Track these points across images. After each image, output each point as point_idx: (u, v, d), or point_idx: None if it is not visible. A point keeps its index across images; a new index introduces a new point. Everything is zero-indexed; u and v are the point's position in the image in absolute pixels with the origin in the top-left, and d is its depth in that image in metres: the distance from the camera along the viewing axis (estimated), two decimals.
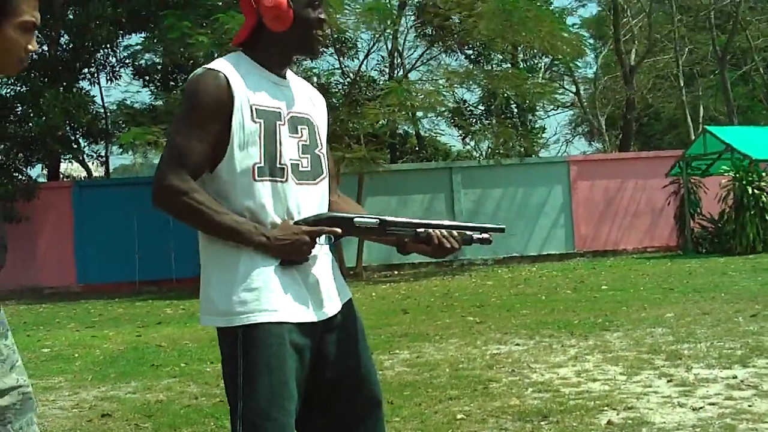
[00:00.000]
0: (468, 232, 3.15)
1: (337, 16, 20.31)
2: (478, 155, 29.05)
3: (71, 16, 25.52)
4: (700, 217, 22.98)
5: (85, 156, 29.00)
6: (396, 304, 14.61)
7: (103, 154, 29.76)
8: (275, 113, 3.03)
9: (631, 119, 33.03)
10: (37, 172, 26.59)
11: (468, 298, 14.62)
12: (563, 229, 24.92)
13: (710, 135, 22.54)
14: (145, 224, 22.62)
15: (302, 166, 3.07)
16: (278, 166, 2.99)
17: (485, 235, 3.17)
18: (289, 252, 2.95)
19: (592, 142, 46.29)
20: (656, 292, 13.53)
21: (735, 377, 6.62)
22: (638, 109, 35.79)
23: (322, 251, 3.11)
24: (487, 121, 28.59)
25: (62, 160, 27.99)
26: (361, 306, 14.31)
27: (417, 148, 33.41)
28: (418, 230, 3.09)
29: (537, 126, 33.82)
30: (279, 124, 3.02)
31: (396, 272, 23.18)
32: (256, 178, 2.96)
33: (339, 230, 3.04)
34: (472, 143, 30.99)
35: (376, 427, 3.18)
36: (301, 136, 3.10)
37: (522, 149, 27.45)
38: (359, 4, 21.04)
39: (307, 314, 2.97)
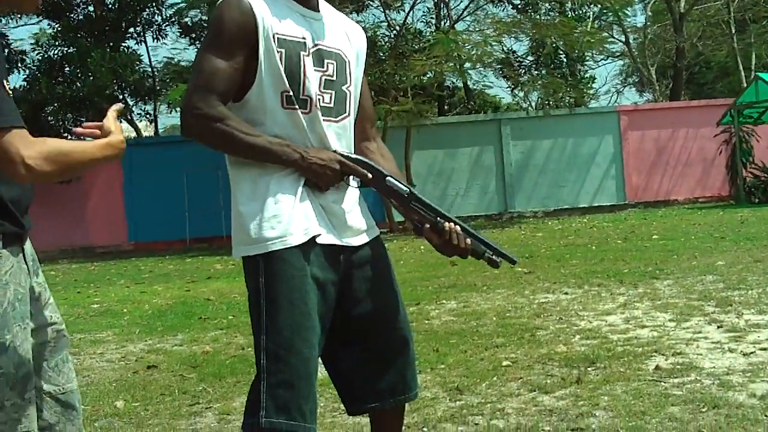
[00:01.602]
0: (483, 247, 3.08)
1: None
2: (527, 106, 28.81)
3: None
4: (752, 166, 22.68)
5: (133, 115, 29.12)
6: (444, 257, 14.53)
7: (151, 112, 29.87)
8: (299, 43, 2.97)
9: (682, 68, 32.54)
10: None
11: (517, 250, 14.50)
12: (614, 180, 24.70)
13: (762, 82, 22.15)
14: (195, 182, 22.74)
15: (323, 101, 3.02)
16: (302, 97, 2.95)
17: (495, 258, 3.08)
18: (317, 173, 2.93)
19: (643, 93, 45.81)
20: (707, 240, 13.36)
21: None
22: (688, 58, 35.27)
23: (350, 188, 3.09)
24: (536, 72, 28.35)
25: None
26: (410, 259, 14.36)
27: (465, 101, 33.23)
28: (439, 219, 3.04)
29: (587, 76, 33.50)
30: (303, 55, 2.97)
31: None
32: (285, 105, 2.93)
33: (370, 175, 3.01)
34: (521, 94, 30.74)
35: (405, 366, 3.16)
36: (327, 70, 3.04)
37: (572, 100, 27.17)
38: None
39: (329, 236, 2.96)
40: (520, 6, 27.70)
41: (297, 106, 2.94)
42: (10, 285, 2.63)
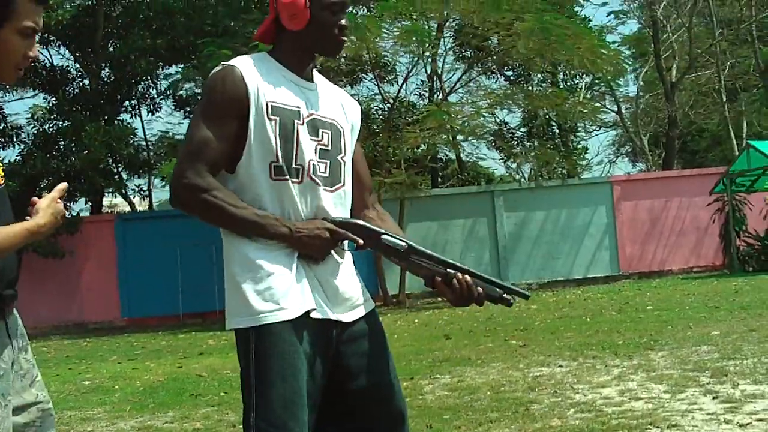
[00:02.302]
0: (494, 289, 3.04)
1: (376, 40, 20.29)
2: (519, 178, 28.87)
3: (111, 49, 25.77)
4: (745, 235, 22.69)
5: (127, 189, 29.16)
6: (438, 329, 14.46)
7: (145, 187, 29.93)
8: (293, 112, 3.01)
9: (674, 137, 32.71)
10: (80, 206, 26.75)
11: (511, 322, 14.45)
12: (608, 251, 24.66)
13: (754, 150, 22.23)
14: (189, 256, 22.69)
15: (319, 171, 3.04)
16: (294, 166, 2.98)
17: (508, 297, 3.04)
18: (308, 245, 2.95)
19: (636, 163, 45.98)
20: (702, 310, 13.32)
21: None
22: (681, 127, 35.45)
23: (344, 257, 3.11)
24: (529, 143, 28.47)
25: (105, 193, 28.14)
26: (404, 333, 14.26)
27: (458, 173, 33.34)
28: (448, 270, 3.01)
29: (579, 147, 33.65)
30: (297, 123, 3.00)
31: (439, 299, 22.97)
32: (273, 176, 2.96)
33: (361, 240, 3.01)
34: (514, 166, 30.84)
35: None
36: (321, 139, 3.08)
37: (564, 171, 27.26)
38: (397, 27, 21.01)
39: (323, 311, 2.95)
40: (512, 78, 27.91)
41: (287, 176, 2.96)
42: None
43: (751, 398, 6.35)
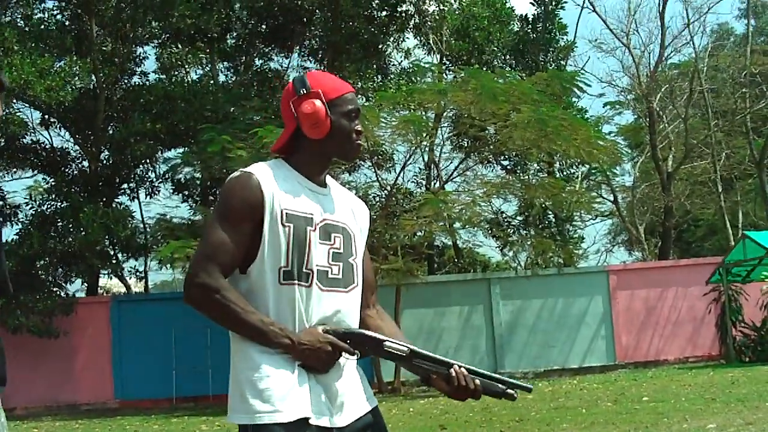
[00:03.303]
0: (494, 383, 3.16)
1: (374, 129, 20.45)
2: (516, 266, 28.90)
3: (111, 132, 25.98)
4: (742, 325, 22.64)
5: (124, 271, 29.17)
6: (434, 419, 14.39)
7: (141, 269, 29.93)
8: (306, 219, 3.15)
9: (670, 227, 32.84)
10: (76, 287, 26.75)
11: (507, 413, 14.37)
12: (604, 341, 24.58)
13: (750, 240, 22.31)
14: (183, 339, 22.61)
15: (332, 273, 3.17)
16: (304, 270, 3.10)
17: (511, 391, 3.17)
18: (310, 358, 3.04)
19: (632, 252, 46.05)
20: (698, 402, 13.27)
21: None
22: (677, 217, 35.61)
23: (348, 364, 3.20)
24: (525, 232, 28.55)
25: (101, 275, 28.15)
26: (398, 422, 14.17)
27: (455, 260, 33.38)
28: (451, 370, 3.11)
29: (575, 236, 33.72)
30: (309, 230, 3.14)
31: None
32: (282, 281, 3.08)
33: (358, 354, 3.13)
34: (510, 254, 30.89)
35: None
36: (334, 243, 3.21)
37: (560, 260, 27.30)
38: (395, 116, 21.20)
39: (322, 419, 3.04)
40: (509, 167, 28.08)
41: (296, 281, 3.08)
42: None
43: None
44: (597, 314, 24.58)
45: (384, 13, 26.87)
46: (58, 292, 23.38)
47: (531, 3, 31.69)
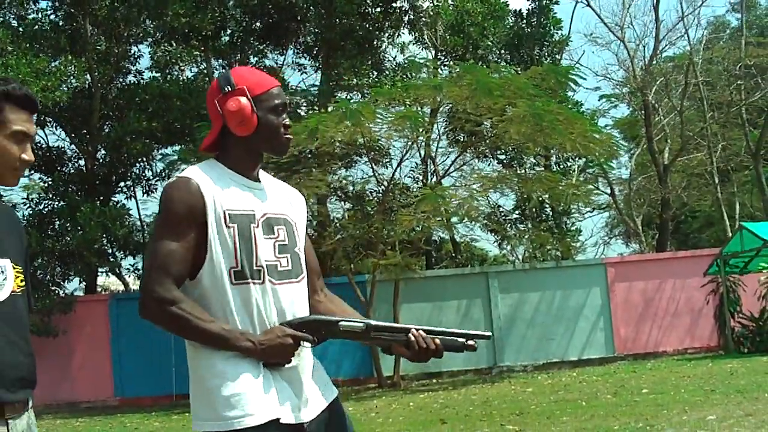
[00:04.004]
0: (455, 338, 3.22)
1: (370, 125, 20.47)
2: (513, 260, 28.91)
3: (107, 131, 25.98)
4: (740, 316, 22.67)
5: (122, 269, 29.18)
6: (434, 413, 14.40)
7: (139, 267, 29.92)
8: (248, 216, 3.18)
9: (667, 219, 32.88)
10: (74, 285, 26.77)
11: (507, 406, 14.41)
12: (602, 333, 24.60)
13: (747, 231, 22.34)
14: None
15: (281, 266, 3.21)
16: (255, 268, 3.12)
17: (470, 342, 3.22)
18: (273, 355, 3.08)
19: (629, 244, 46.11)
20: (698, 394, 13.29)
21: None
22: (674, 209, 35.66)
23: (305, 352, 3.24)
24: (522, 226, 28.55)
25: (99, 273, 28.16)
26: (398, 417, 14.19)
27: (453, 254, 33.40)
28: (409, 336, 3.18)
29: (573, 229, 33.74)
30: (253, 227, 3.17)
31: (434, 380, 22.96)
32: (234, 281, 3.10)
33: (315, 339, 3.18)
34: (508, 248, 30.91)
35: None
36: (278, 236, 3.25)
37: (558, 253, 27.31)
38: (391, 112, 21.21)
39: (289, 416, 3.08)
40: (505, 161, 28.07)
41: (249, 280, 3.11)
42: None
43: None
44: (595, 306, 24.60)
45: (378, 9, 26.86)
46: (56, 291, 23.41)
47: None
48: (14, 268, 2.91)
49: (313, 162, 21.53)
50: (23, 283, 2.96)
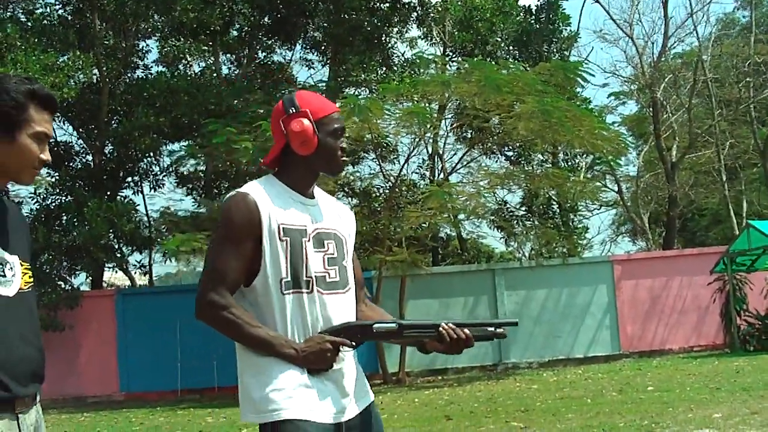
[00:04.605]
0: (484, 329, 3.42)
1: (378, 121, 20.46)
2: (520, 256, 28.89)
3: (115, 126, 25.99)
4: (746, 314, 22.65)
5: (128, 265, 29.20)
6: (439, 410, 14.40)
7: (146, 262, 29.99)
8: (300, 231, 3.41)
9: (674, 216, 32.83)
10: (80, 280, 26.79)
11: (512, 403, 14.41)
12: (609, 330, 24.58)
13: (754, 230, 22.30)
14: (188, 332, 22.60)
15: (330, 277, 3.45)
16: (304, 278, 3.36)
17: (500, 330, 3.41)
18: (315, 361, 3.31)
19: (636, 241, 46.06)
20: (703, 392, 13.29)
21: None
22: (681, 206, 35.62)
23: (347, 356, 3.46)
24: (529, 222, 28.52)
25: (106, 268, 28.19)
26: (404, 413, 14.19)
27: (459, 251, 33.38)
28: (440, 330, 3.38)
29: (580, 226, 33.71)
30: (304, 241, 3.40)
31: (440, 377, 22.97)
32: (284, 291, 3.34)
33: (354, 344, 3.41)
34: (515, 245, 30.88)
35: None
36: (327, 250, 3.48)
37: (565, 250, 27.28)
38: (399, 109, 21.20)
39: (329, 416, 3.32)
40: (513, 157, 28.05)
41: (299, 289, 3.36)
42: None
43: None
44: (602, 304, 24.58)
45: (386, 4, 26.80)
46: (62, 286, 23.42)
47: None
48: (22, 265, 2.99)
49: None
50: (31, 279, 3.03)
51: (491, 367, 23.78)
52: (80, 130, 27.01)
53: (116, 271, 31.42)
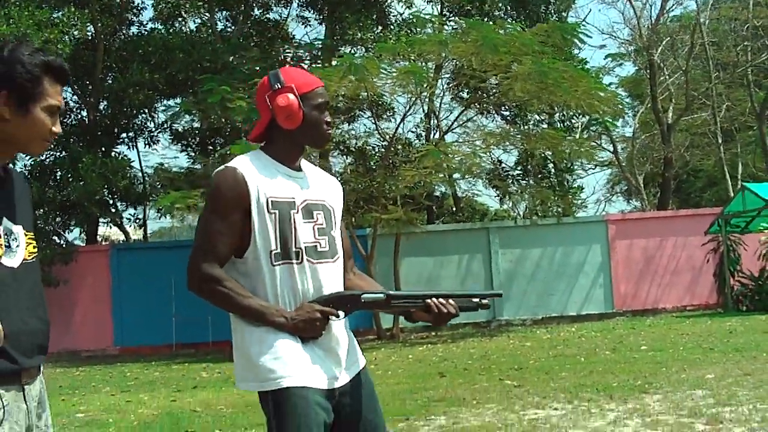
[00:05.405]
0: (469, 300, 3.53)
1: (374, 80, 20.40)
2: (515, 215, 28.91)
3: (110, 82, 25.88)
4: (740, 275, 22.77)
5: (122, 219, 29.20)
6: (433, 366, 14.46)
7: (140, 217, 29.97)
8: (289, 203, 3.51)
9: (669, 177, 32.84)
10: (75, 235, 26.80)
11: (506, 360, 14.48)
12: (602, 289, 24.69)
13: (749, 192, 22.37)
14: (183, 287, 22.36)
15: (320, 247, 3.54)
16: (294, 249, 3.46)
17: (485, 301, 3.53)
18: (304, 329, 3.41)
19: (631, 201, 46.13)
20: (696, 352, 13.36)
21: None
22: (676, 167, 35.63)
23: (337, 324, 3.54)
24: (525, 182, 28.51)
25: (100, 223, 28.18)
26: (398, 369, 14.27)
27: (454, 209, 33.40)
28: (427, 301, 3.48)
29: (575, 186, 33.73)
30: (293, 213, 3.50)
31: (433, 333, 23.06)
32: (273, 262, 3.44)
33: (342, 314, 3.50)
34: (510, 204, 30.91)
35: None
36: (317, 220, 3.58)
37: (560, 209, 27.31)
38: (395, 68, 21.12)
39: (324, 382, 3.42)
40: (509, 117, 27.98)
41: (288, 260, 3.46)
42: (5, 424, 2.68)
43: None
44: (595, 263, 24.66)
45: None
46: (57, 241, 23.42)
47: None
48: (26, 235, 2.98)
49: None
50: (35, 250, 3.03)
51: (485, 324, 23.87)
52: (75, 86, 26.85)
53: (111, 227, 31.40)
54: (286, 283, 3.44)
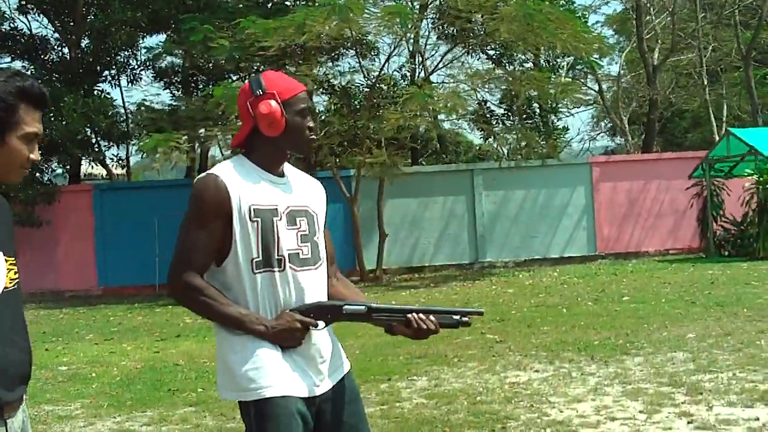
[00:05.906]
0: (450, 317, 3.47)
1: (358, 19, 20.21)
2: (500, 156, 28.85)
3: (92, 19, 25.58)
4: (722, 220, 22.86)
5: (105, 159, 29.03)
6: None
7: (123, 156, 29.84)
8: (272, 210, 3.44)
9: (654, 119, 32.76)
10: (58, 176, 26.63)
11: (488, 309, 14.39)
12: (585, 232, 24.79)
13: (734, 137, 22.37)
14: (166, 227, 22.57)
15: (303, 254, 3.50)
16: (276, 257, 3.41)
17: (465, 318, 3.48)
18: (284, 338, 3.37)
19: (614, 139, 46.10)
20: (678, 305, 13.43)
21: (757, 419, 6.51)
22: (661, 108, 35.55)
23: (321, 333, 3.50)
24: (509, 123, 28.39)
25: (83, 162, 28.02)
26: None
27: (438, 147, 33.32)
28: (408, 316, 3.43)
29: (560, 127, 33.64)
30: (276, 220, 3.44)
31: (416, 275, 23.15)
32: (254, 270, 3.39)
33: (322, 324, 3.46)
34: (494, 145, 30.84)
35: None
36: (300, 227, 3.53)
37: (544, 150, 27.26)
38: (380, 7, 20.93)
39: (304, 390, 3.39)
40: (494, 57, 27.78)
41: (270, 268, 3.40)
42: None
43: (724, 425, 6.41)
44: (579, 206, 24.75)
45: None
46: (40, 180, 23.30)
47: None
48: (6, 261, 2.86)
49: (300, 56, 21.32)
50: (17, 276, 2.91)
51: (467, 266, 23.95)
52: (56, 22, 26.54)
53: (93, 166, 31.20)
54: (267, 291, 3.40)
